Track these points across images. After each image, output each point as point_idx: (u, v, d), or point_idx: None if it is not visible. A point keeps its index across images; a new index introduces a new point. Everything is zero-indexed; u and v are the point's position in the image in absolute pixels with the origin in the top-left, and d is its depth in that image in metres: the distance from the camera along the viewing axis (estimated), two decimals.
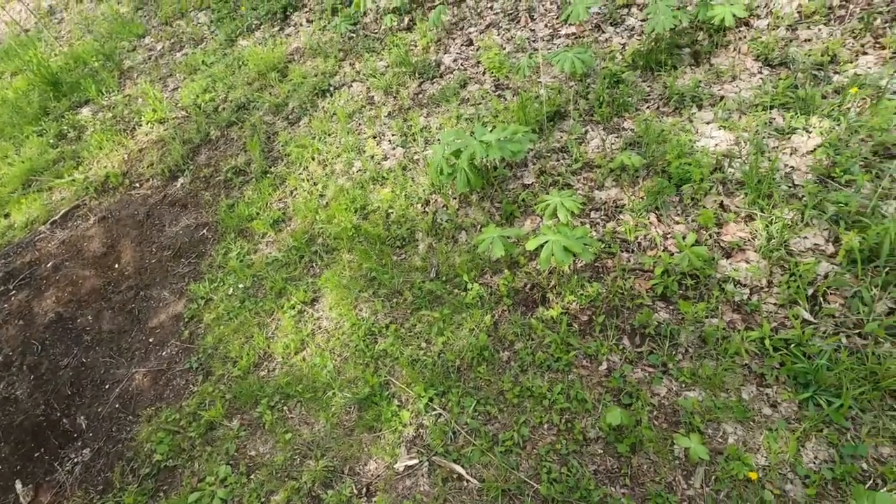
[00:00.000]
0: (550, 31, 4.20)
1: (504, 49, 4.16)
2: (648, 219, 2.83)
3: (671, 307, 2.52)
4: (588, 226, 2.92)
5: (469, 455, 2.34)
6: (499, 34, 4.32)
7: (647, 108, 3.37)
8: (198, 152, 4.62)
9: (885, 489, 1.85)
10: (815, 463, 1.98)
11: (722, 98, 3.21)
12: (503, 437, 2.35)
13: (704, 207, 2.75)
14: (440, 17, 4.35)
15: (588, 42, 3.91)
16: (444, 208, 3.32)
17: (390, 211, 3.46)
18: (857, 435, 1.99)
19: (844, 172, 2.61)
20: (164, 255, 3.97)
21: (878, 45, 3.10)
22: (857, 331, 2.20)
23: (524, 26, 4.29)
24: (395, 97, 4.21)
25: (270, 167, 4.18)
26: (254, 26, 5.69)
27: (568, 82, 3.71)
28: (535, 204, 2.95)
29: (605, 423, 2.19)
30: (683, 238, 2.64)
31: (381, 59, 4.61)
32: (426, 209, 3.37)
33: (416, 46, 4.56)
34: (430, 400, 2.56)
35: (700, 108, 3.24)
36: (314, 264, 3.44)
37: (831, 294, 2.32)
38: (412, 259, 3.18)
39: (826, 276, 2.35)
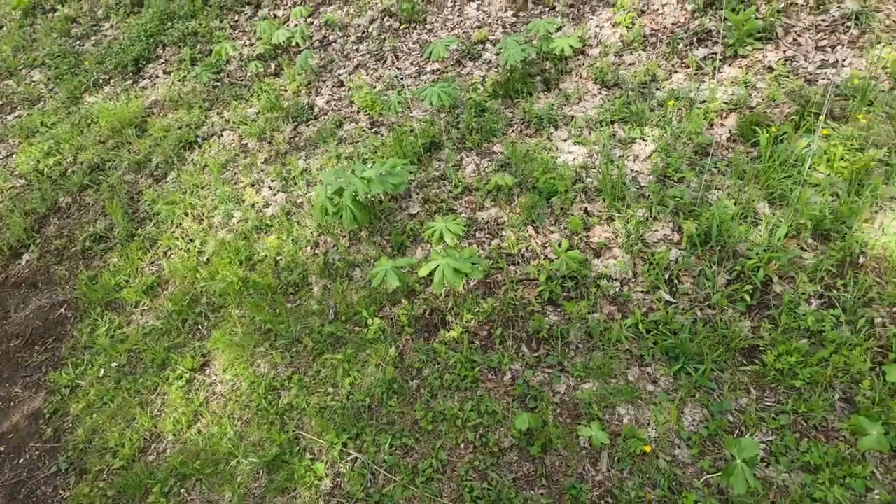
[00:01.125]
0: (416, 68, 4.43)
1: (375, 88, 4.30)
2: (527, 232, 3.05)
3: (558, 309, 2.72)
4: (475, 245, 3.07)
5: (391, 493, 2.28)
6: (368, 74, 4.46)
7: (512, 131, 3.68)
8: (45, 223, 4.09)
9: (748, 435, 2.15)
10: (693, 425, 2.24)
11: (573, 117, 3.62)
12: (423, 466, 2.33)
13: (572, 215, 3.04)
14: (307, 61, 4.39)
15: (451, 76, 4.19)
16: (335, 248, 3.28)
17: (279, 258, 3.34)
18: (721, 393, 2.29)
19: (676, 171, 3.06)
20: (12, 345, 3.41)
21: (683, 65, 3.72)
22: (706, 303, 2.56)
23: (391, 66, 4.48)
24: (270, 142, 4.13)
25: (137, 229, 3.83)
26: (101, 81, 5.26)
27: (438, 114, 3.92)
28: (423, 232, 3.04)
29: (516, 429, 2.28)
30: (559, 245, 2.88)
31: (250, 105, 4.50)
32: (316, 251, 3.31)
33: (286, 91, 4.53)
34: (344, 445, 2.47)
35: (556, 128, 3.61)
36: (200, 326, 3.18)
37: (683, 275, 2.68)
38: (308, 304, 3.08)
39: (676, 261, 2.72)
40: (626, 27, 4.08)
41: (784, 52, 3.58)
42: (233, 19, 5.39)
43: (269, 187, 3.82)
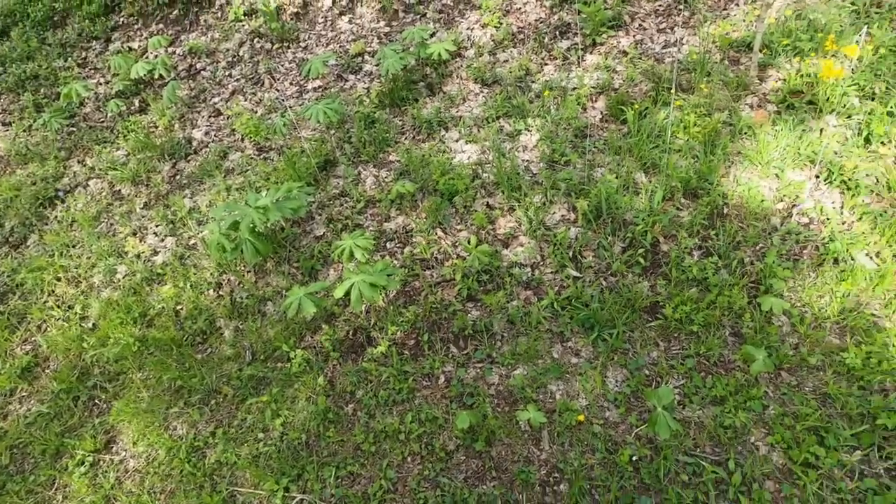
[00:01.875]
0: (297, 87, 4.31)
1: (256, 112, 4.11)
2: (436, 234, 3.09)
3: (479, 304, 2.79)
4: (388, 257, 3.05)
5: None
6: (246, 99, 4.26)
7: (405, 138, 3.71)
8: None
9: (663, 384, 2.35)
10: (617, 386, 2.40)
11: (460, 118, 3.73)
12: (372, 490, 2.26)
13: (476, 211, 3.13)
14: (175, 93, 4.08)
15: (335, 92, 4.13)
16: (240, 285, 3.09)
17: (178, 308, 3.07)
18: (635, 351, 2.49)
19: (562, 155, 3.27)
20: None
21: (551, 57, 4.00)
22: (609, 272, 2.76)
23: (270, 88, 4.31)
24: (147, 185, 3.78)
25: None
26: None
27: (328, 131, 3.85)
28: (332, 252, 2.96)
29: (458, 429, 2.30)
30: (469, 242, 2.96)
31: (117, 148, 4.09)
32: (220, 293, 3.09)
33: (156, 127, 4.18)
34: (286, 489, 2.33)
35: (447, 129, 3.70)
36: (97, 401, 2.83)
37: (584, 250, 2.87)
38: (220, 350, 2.86)
39: (576, 238, 2.90)
40: (495, 27, 4.29)
41: (634, 36, 3.97)
42: (79, 57, 4.87)
43: (155, 233, 3.50)
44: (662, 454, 2.15)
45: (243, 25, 4.71)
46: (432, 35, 4.35)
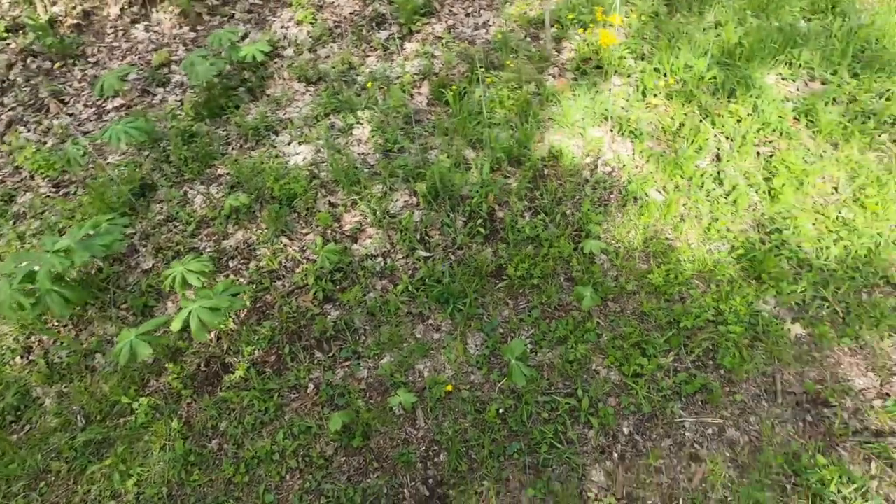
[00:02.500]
0: (95, 109, 3.80)
1: (45, 144, 3.54)
2: (281, 243, 2.97)
3: (337, 303, 2.75)
4: (231, 276, 2.86)
5: None
6: (29, 130, 3.64)
7: (232, 149, 3.48)
8: None
9: (516, 338, 2.55)
10: (477, 349, 2.55)
11: (289, 120, 3.60)
12: None
13: (319, 211, 3.07)
14: None
15: (142, 109, 3.72)
16: (57, 343, 2.66)
17: None
18: (488, 314, 2.66)
19: (395, 143, 3.33)
20: None
21: (372, 48, 4.03)
22: (455, 247, 2.90)
23: (58, 113, 3.74)
24: None
25: None
26: None
27: (142, 153, 3.46)
28: (162, 284, 2.69)
29: (333, 432, 2.26)
30: (315, 244, 2.89)
31: None
32: (30, 357, 2.63)
33: None
34: None
35: (276, 133, 3.54)
36: None
37: (430, 230, 2.97)
38: (43, 423, 2.46)
39: (421, 220, 2.99)
40: (311, 23, 4.20)
41: (446, 22, 4.16)
42: None
43: None
44: (524, 400, 2.34)
45: (8, 45, 4.00)
46: (244, 37, 4.12)
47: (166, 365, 2.55)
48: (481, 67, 3.56)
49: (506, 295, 2.72)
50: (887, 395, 2.22)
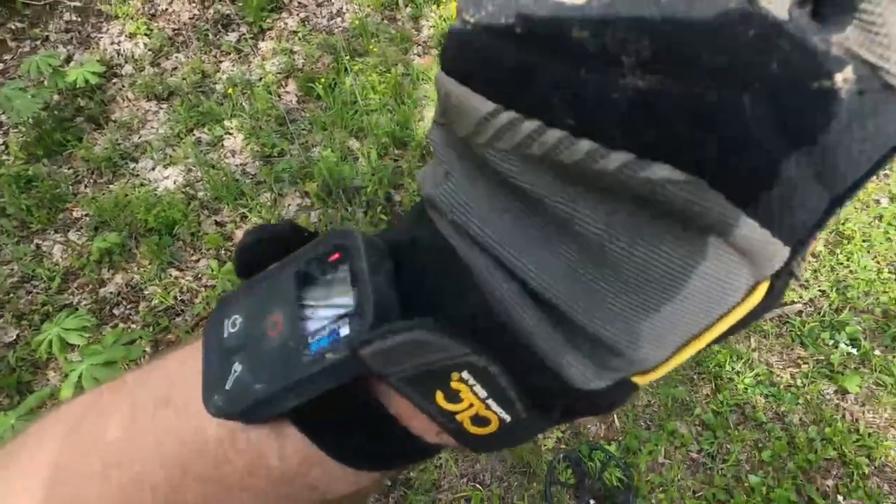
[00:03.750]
0: None
1: None
2: (171, 276, 2.72)
3: None
4: (120, 324, 2.56)
5: None
6: None
7: (85, 187, 3.08)
8: None
9: None
10: None
11: (147, 143, 3.26)
12: None
13: (206, 234, 2.85)
14: None
15: None
16: None
17: None
18: None
19: (273, 147, 3.18)
20: None
21: (223, 53, 3.76)
22: None
23: None
24: None
25: None
26: None
27: None
28: (36, 353, 2.34)
29: None
30: (211, 269, 2.68)
31: None
32: None
33: None
34: None
35: (135, 160, 3.20)
36: None
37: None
38: None
39: (319, 220, 2.91)
40: (146, 35, 3.80)
41: (298, 14, 4.01)
42: None
43: None
44: None
45: None
46: (68, 60, 3.62)
47: None
48: (346, 56, 3.49)
49: None
50: None
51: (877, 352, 2.26)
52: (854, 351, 2.25)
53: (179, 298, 2.66)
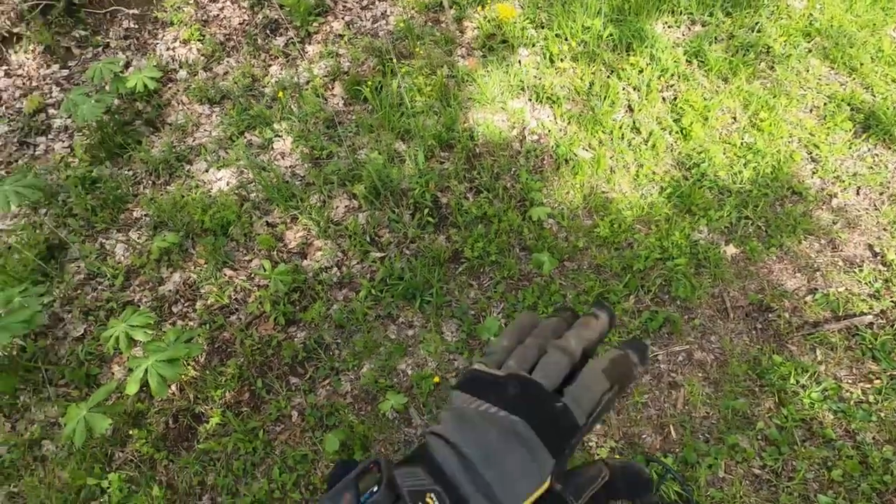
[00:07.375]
0: None
1: None
2: (226, 275, 2.80)
3: (301, 324, 2.65)
4: (178, 322, 2.66)
5: None
6: None
7: (144, 188, 3.20)
8: None
9: (489, 317, 2.59)
10: (454, 335, 2.57)
11: (201, 146, 3.36)
12: None
13: (258, 234, 2.92)
14: None
15: (26, 163, 3.31)
16: None
17: None
18: (456, 299, 2.68)
19: (322, 150, 3.23)
20: None
21: (272, 57, 3.84)
22: (408, 241, 2.88)
23: None
24: None
25: None
26: None
27: (38, 212, 3.09)
28: (104, 347, 2.45)
29: (331, 452, 2.20)
30: (263, 269, 2.75)
31: None
32: None
33: None
34: None
35: (190, 162, 3.30)
36: None
37: (379, 230, 2.92)
38: None
39: (367, 222, 2.94)
40: (199, 41, 3.92)
41: (343, 18, 4.06)
42: None
43: None
44: None
45: None
46: (127, 65, 3.77)
47: (129, 432, 2.34)
48: (391, 58, 3.52)
49: (468, 277, 2.75)
50: (815, 289, 2.52)
51: None
52: None
53: (234, 297, 2.74)
